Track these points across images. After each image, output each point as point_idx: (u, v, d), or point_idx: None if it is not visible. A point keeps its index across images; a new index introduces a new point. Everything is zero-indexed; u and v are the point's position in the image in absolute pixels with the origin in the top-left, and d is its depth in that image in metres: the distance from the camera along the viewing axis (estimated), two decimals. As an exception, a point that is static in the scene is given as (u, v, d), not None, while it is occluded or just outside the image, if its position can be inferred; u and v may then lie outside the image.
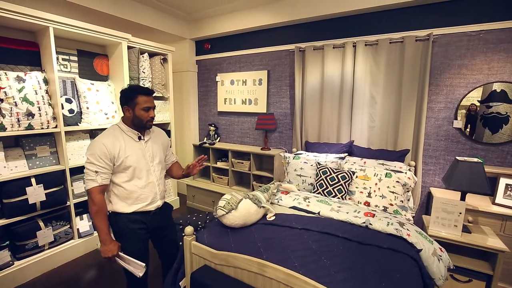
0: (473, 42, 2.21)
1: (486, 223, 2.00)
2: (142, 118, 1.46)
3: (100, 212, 1.37)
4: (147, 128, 1.54)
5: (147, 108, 1.46)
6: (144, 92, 1.47)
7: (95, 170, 1.36)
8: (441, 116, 2.40)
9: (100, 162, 1.36)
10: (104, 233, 1.37)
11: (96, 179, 1.35)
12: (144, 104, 1.45)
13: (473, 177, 1.78)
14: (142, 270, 1.43)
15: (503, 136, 2.19)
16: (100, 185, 1.37)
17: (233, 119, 3.71)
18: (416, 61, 2.39)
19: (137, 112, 1.45)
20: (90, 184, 1.36)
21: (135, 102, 1.44)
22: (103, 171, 1.37)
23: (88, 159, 1.37)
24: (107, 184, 1.41)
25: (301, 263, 1.33)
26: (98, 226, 1.37)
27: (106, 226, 1.39)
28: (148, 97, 1.48)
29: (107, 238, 1.37)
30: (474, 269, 1.81)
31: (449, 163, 2.41)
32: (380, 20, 2.55)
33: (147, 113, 1.47)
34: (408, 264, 1.40)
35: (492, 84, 2.18)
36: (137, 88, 1.47)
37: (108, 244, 1.37)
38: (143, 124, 1.48)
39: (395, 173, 2.09)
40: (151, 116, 1.49)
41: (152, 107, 1.49)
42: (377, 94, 2.62)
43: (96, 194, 1.36)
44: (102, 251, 1.37)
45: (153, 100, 1.51)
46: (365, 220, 1.70)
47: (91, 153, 1.36)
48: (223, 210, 1.63)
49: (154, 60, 3.13)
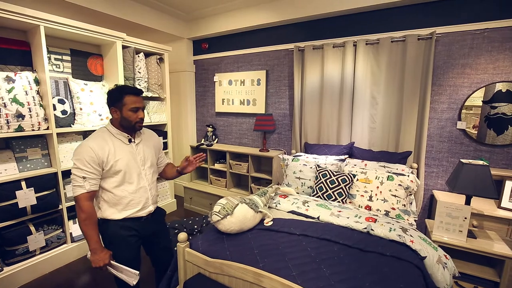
0: (477, 40, 2.15)
1: (491, 227, 1.93)
2: (130, 119, 1.39)
3: (89, 220, 1.30)
4: (137, 130, 1.46)
5: (135, 109, 1.39)
6: (132, 92, 1.39)
7: (83, 176, 1.29)
8: (444, 117, 2.34)
9: (87, 167, 1.29)
10: (94, 241, 1.30)
11: (83, 185, 1.29)
12: (132, 104, 1.37)
13: (479, 181, 1.71)
14: (136, 278, 1.36)
15: (509, 138, 2.12)
16: (88, 192, 1.30)
17: (231, 120, 3.64)
18: (418, 60, 2.32)
19: (125, 113, 1.38)
20: (78, 191, 1.29)
21: (122, 102, 1.37)
22: (91, 176, 1.30)
23: (75, 165, 1.30)
24: (95, 190, 1.34)
25: (299, 272, 1.26)
26: (87, 234, 1.30)
27: (96, 234, 1.32)
28: (136, 97, 1.40)
29: (97, 247, 1.30)
30: (480, 276, 1.74)
31: (452, 165, 2.34)
32: (382, 18, 2.49)
33: (136, 114, 1.39)
34: (412, 272, 1.33)
35: (497, 84, 2.11)
36: (124, 88, 1.40)
37: (99, 253, 1.30)
38: (132, 125, 1.41)
39: (397, 176, 2.03)
40: (140, 117, 1.41)
41: (141, 107, 1.41)
42: (378, 95, 2.55)
43: (84, 201, 1.29)
44: (92, 261, 1.30)
45: (142, 100, 1.43)
46: (367, 226, 1.63)
47: (78, 158, 1.29)
48: (218, 215, 1.56)
49: (150, 60, 3.06)
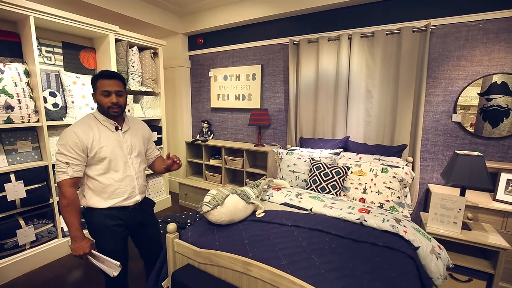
0: (472, 32, 2.13)
1: (486, 220, 1.91)
2: (102, 103, 1.33)
3: (71, 206, 1.27)
4: (114, 117, 1.38)
5: (106, 93, 1.32)
6: (104, 75, 1.33)
7: (66, 162, 1.26)
8: (439, 110, 2.32)
9: (71, 153, 1.26)
10: (74, 228, 1.26)
11: (66, 171, 1.26)
12: (102, 87, 1.32)
13: (474, 172, 1.69)
14: (117, 270, 1.33)
15: (504, 130, 2.10)
16: (72, 178, 1.27)
17: (226, 116, 3.62)
18: (413, 53, 2.31)
19: (98, 97, 1.34)
20: (61, 177, 1.26)
21: (96, 87, 1.34)
22: (74, 162, 1.28)
23: (59, 150, 1.27)
24: (79, 177, 1.31)
25: (289, 261, 1.24)
26: (68, 221, 1.27)
27: (77, 221, 1.28)
28: (108, 80, 1.33)
29: (78, 235, 1.27)
30: (475, 268, 1.72)
31: (447, 158, 2.32)
32: (376, 11, 2.47)
33: (107, 98, 1.32)
34: (405, 262, 1.31)
35: (493, 76, 2.09)
36: (99, 73, 1.36)
37: (79, 241, 1.26)
38: (105, 111, 1.35)
39: (391, 168, 2.00)
40: (112, 102, 1.33)
41: (113, 91, 1.33)
42: (373, 88, 2.53)
43: (67, 188, 1.26)
44: (73, 249, 1.27)
45: (117, 83, 1.35)
46: (360, 217, 1.61)
47: (62, 143, 1.27)
48: (208, 206, 1.53)
49: (144, 54, 3.03)
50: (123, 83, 1.40)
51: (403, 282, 1.16)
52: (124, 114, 1.47)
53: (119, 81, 1.38)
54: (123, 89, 1.39)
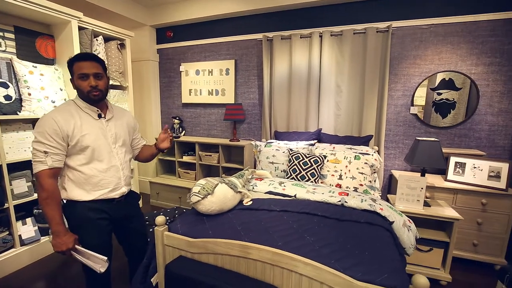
0: (425, 34, 2.43)
1: (441, 197, 2.19)
2: (81, 88, 1.24)
3: (51, 199, 1.16)
4: (95, 101, 1.28)
5: (83, 76, 1.22)
6: (79, 57, 1.24)
7: (44, 150, 1.15)
8: (399, 103, 2.59)
9: (50, 141, 1.15)
10: (56, 222, 1.16)
11: (45, 161, 1.15)
12: (79, 70, 1.21)
13: (432, 154, 1.94)
14: (104, 265, 1.25)
15: (451, 120, 2.44)
16: (51, 168, 1.17)
17: (199, 111, 3.55)
18: (377, 51, 2.54)
19: (76, 82, 1.25)
20: (39, 167, 1.15)
21: (72, 71, 1.25)
22: (54, 151, 1.17)
23: (36, 138, 1.16)
24: (59, 167, 1.21)
25: (285, 241, 1.29)
26: (48, 215, 1.16)
27: (59, 215, 1.18)
28: (85, 62, 1.22)
29: (60, 229, 1.17)
30: (434, 238, 1.97)
31: (407, 146, 2.61)
32: (345, 11, 2.67)
33: (85, 82, 1.22)
34: (384, 235, 1.45)
35: (442, 73, 2.42)
36: (74, 56, 1.26)
37: (61, 236, 1.17)
38: (86, 96, 1.25)
39: (363, 156, 2.19)
40: (91, 85, 1.22)
41: (91, 73, 1.22)
42: (343, 83, 2.73)
43: (46, 179, 1.15)
44: (54, 245, 1.16)
45: (94, 65, 1.25)
46: (340, 199, 1.73)
47: (39, 131, 1.15)
48: (198, 196, 1.51)
49: (110, 45, 2.83)
50: (102, 65, 1.30)
51: (385, 250, 1.29)
52: (106, 101, 1.38)
53: (96, 62, 1.27)
54: (101, 72, 1.29)
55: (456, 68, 2.37)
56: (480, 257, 2.14)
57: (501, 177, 2.07)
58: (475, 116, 2.37)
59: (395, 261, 1.21)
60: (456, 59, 2.37)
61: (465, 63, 2.35)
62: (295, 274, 1.15)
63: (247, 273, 1.26)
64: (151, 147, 1.61)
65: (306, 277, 1.13)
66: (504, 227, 2.07)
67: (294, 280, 1.16)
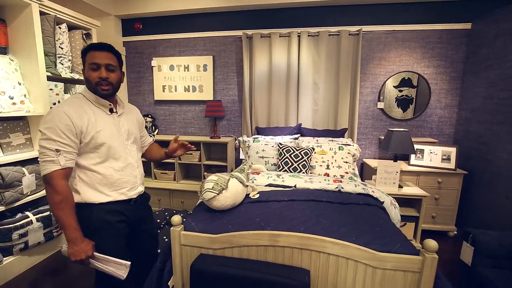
0: (388, 39, 2.78)
1: (407, 179, 2.56)
2: (90, 79, 1.15)
3: (66, 203, 1.05)
4: (103, 95, 1.19)
5: (94, 66, 1.13)
6: (93, 47, 1.15)
7: (56, 149, 1.03)
8: (368, 99, 2.92)
9: (62, 138, 1.04)
10: (72, 229, 1.06)
11: (57, 160, 1.03)
12: (91, 60, 1.13)
13: (404, 142, 2.26)
14: (126, 270, 1.18)
15: (410, 114, 2.85)
16: (63, 168, 1.05)
17: (173, 109, 3.41)
18: (349, 52, 2.81)
19: (86, 73, 1.15)
20: (50, 167, 1.02)
21: (84, 61, 1.15)
22: (67, 149, 1.05)
23: (44, 135, 1.03)
24: (71, 167, 1.09)
25: (306, 227, 1.39)
26: (63, 221, 1.05)
27: (75, 220, 1.07)
28: (99, 52, 1.14)
29: (77, 236, 1.06)
30: (406, 214, 2.30)
31: (376, 138, 2.95)
32: (321, 14, 2.87)
33: (96, 73, 1.13)
34: (380, 213, 1.67)
35: (402, 73, 2.80)
36: (89, 45, 1.17)
37: (79, 244, 1.06)
38: (93, 88, 1.16)
39: (345, 146, 2.42)
40: (101, 76, 1.13)
41: (103, 64, 1.14)
42: (319, 81, 2.94)
43: (59, 180, 1.03)
44: (71, 254, 1.06)
45: (109, 56, 1.17)
46: (337, 186, 1.91)
47: (49, 126, 1.03)
48: (213, 192, 1.51)
49: (74, 35, 2.53)
50: (118, 58, 1.22)
51: (387, 226, 1.49)
52: (116, 96, 1.27)
53: (112, 54, 1.19)
54: (116, 64, 1.20)
55: (413, 69, 2.78)
56: (438, 226, 2.57)
57: (451, 159, 2.52)
58: (428, 109, 2.82)
59: (399, 233, 1.42)
60: (412, 61, 2.78)
61: (420, 65, 2.77)
62: (323, 255, 1.25)
63: (275, 261, 1.32)
64: (160, 149, 1.55)
65: (333, 256, 1.24)
66: (454, 200, 2.52)
67: (322, 260, 1.26)
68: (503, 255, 1.59)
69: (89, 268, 1.14)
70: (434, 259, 1.11)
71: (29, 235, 1.97)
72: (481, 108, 2.44)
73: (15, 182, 1.93)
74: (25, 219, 1.95)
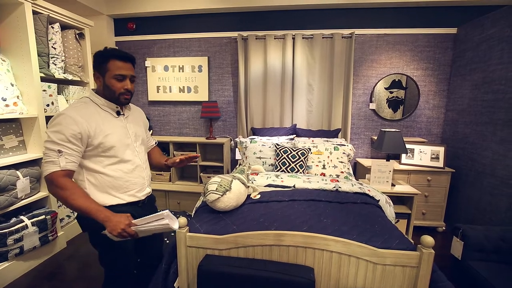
0: (380, 42, 2.87)
1: (399, 178, 2.66)
2: (113, 89, 1.17)
3: (77, 193, 1.05)
4: (122, 104, 1.24)
5: (120, 77, 1.16)
6: (119, 56, 1.17)
7: (58, 149, 1.03)
8: (361, 100, 3.00)
9: (66, 142, 1.05)
10: (97, 211, 1.05)
11: (57, 161, 1.03)
12: (117, 71, 1.16)
13: (396, 142, 2.35)
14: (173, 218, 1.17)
15: (400, 114, 2.96)
16: (63, 170, 1.05)
17: (168, 109, 3.39)
18: (343, 54, 2.88)
19: (107, 81, 1.17)
20: (50, 168, 1.03)
21: (106, 67, 1.16)
22: (69, 152, 1.06)
23: (49, 137, 1.04)
24: (72, 170, 1.09)
25: (308, 226, 1.44)
26: (84, 208, 1.04)
27: (94, 203, 1.07)
28: (124, 63, 1.18)
29: (106, 214, 1.06)
30: (399, 212, 2.39)
31: (368, 138, 3.05)
32: (315, 17, 2.93)
33: (121, 84, 1.18)
34: (377, 210, 1.74)
35: (393, 75, 2.90)
36: (110, 51, 1.18)
37: (112, 219, 1.05)
38: (115, 97, 1.19)
39: (340, 146, 2.49)
40: (126, 88, 1.19)
41: (128, 76, 1.19)
42: (314, 82, 3.00)
43: (59, 178, 1.04)
44: (111, 231, 1.04)
45: (131, 68, 1.22)
46: (335, 185, 1.97)
47: (55, 130, 1.04)
48: (217, 193, 1.53)
49: (66, 35, 2.47)
50: (134, 67, 1.24)
51: (385, 223, 1.56)
52: None
53: (132, 65, 1.22)
54: (135, 74, 1.25)
55: (403, 71, 2.89)
56: (427, 222, 2.69)
57: (439, 158, 2.64)
58: (417, 110, 2.94)
59: (396, 230, 1.49)
60: (402, 64, 2.88)
61: (409, 67, 2.88)
62: (326, 252, 1.30)
63: (280, 259, 1.36)
64: (162, 157, 1.56)
65: (336, 253, 1.29)
66: (442, 197, 2.65)
67: (325, 257, 1.31)
68: (490, 249, 1.70)
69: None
70: (431, 254, 1.17)
71: (24, 240, 1.93)
72: (467, 109, 2.57)
73: (9, 186, 1.88)
74: (20, 223, 1.91)
